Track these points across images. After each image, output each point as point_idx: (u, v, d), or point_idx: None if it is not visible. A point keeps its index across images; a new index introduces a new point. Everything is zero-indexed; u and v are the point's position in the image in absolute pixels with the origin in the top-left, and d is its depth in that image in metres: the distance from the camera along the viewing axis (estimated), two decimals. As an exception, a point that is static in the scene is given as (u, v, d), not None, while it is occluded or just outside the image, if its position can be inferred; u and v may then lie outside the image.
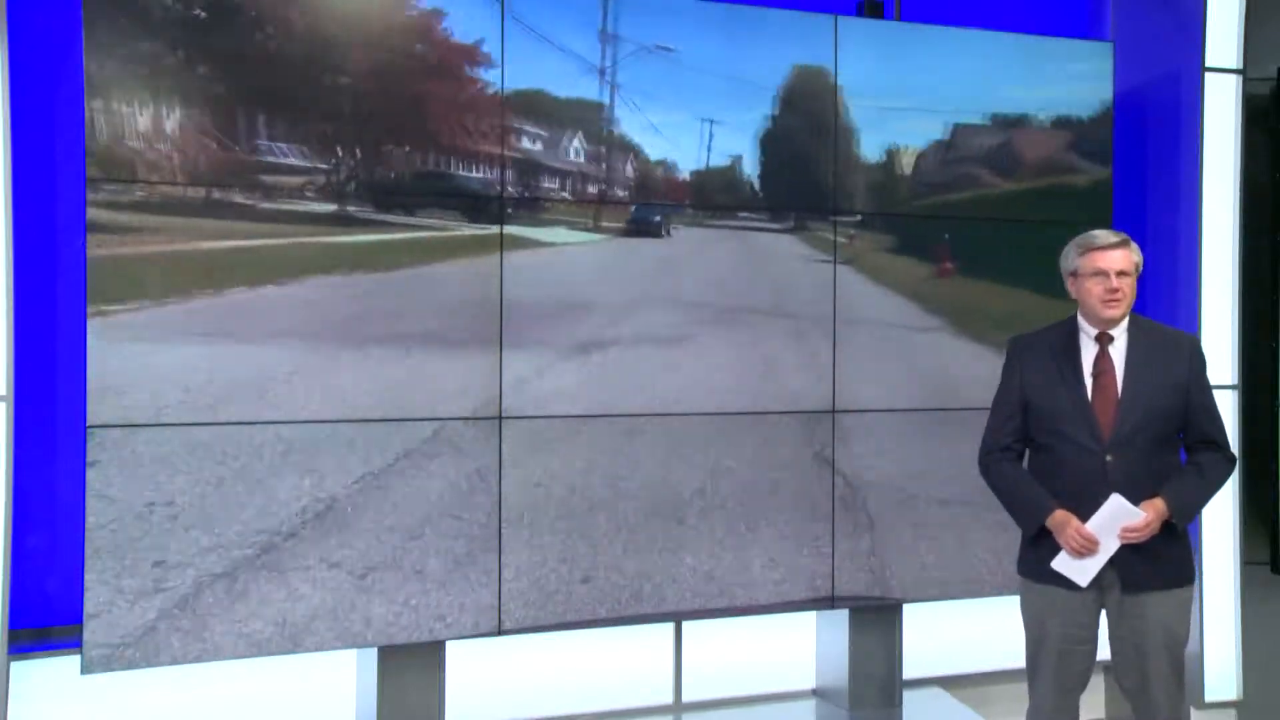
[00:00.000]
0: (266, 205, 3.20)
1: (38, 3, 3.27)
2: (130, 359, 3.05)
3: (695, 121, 3.65)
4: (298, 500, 3.20)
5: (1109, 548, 2.72)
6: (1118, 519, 2.70)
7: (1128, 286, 2.77)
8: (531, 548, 3.44)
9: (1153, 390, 2.76)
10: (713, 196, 3.69)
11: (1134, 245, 2.82)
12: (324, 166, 3.26)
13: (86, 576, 3.00)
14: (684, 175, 3.65)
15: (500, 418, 3.41)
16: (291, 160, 3.23)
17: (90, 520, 3.00)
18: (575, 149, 3.54)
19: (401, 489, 3.31)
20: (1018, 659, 2.96)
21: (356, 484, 3.26)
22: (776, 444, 3.71)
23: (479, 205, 3.42)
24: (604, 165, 3.58)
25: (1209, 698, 4.06)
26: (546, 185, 3.51)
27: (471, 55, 3.41)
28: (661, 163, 3.63)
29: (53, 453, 3.30)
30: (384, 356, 3.30)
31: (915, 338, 3.90)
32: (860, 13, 4.00)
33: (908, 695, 3.97)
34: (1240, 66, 4.08)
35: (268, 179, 3.20)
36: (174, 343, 3.09)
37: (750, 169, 3.73)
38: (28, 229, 3.22)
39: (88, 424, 3.01)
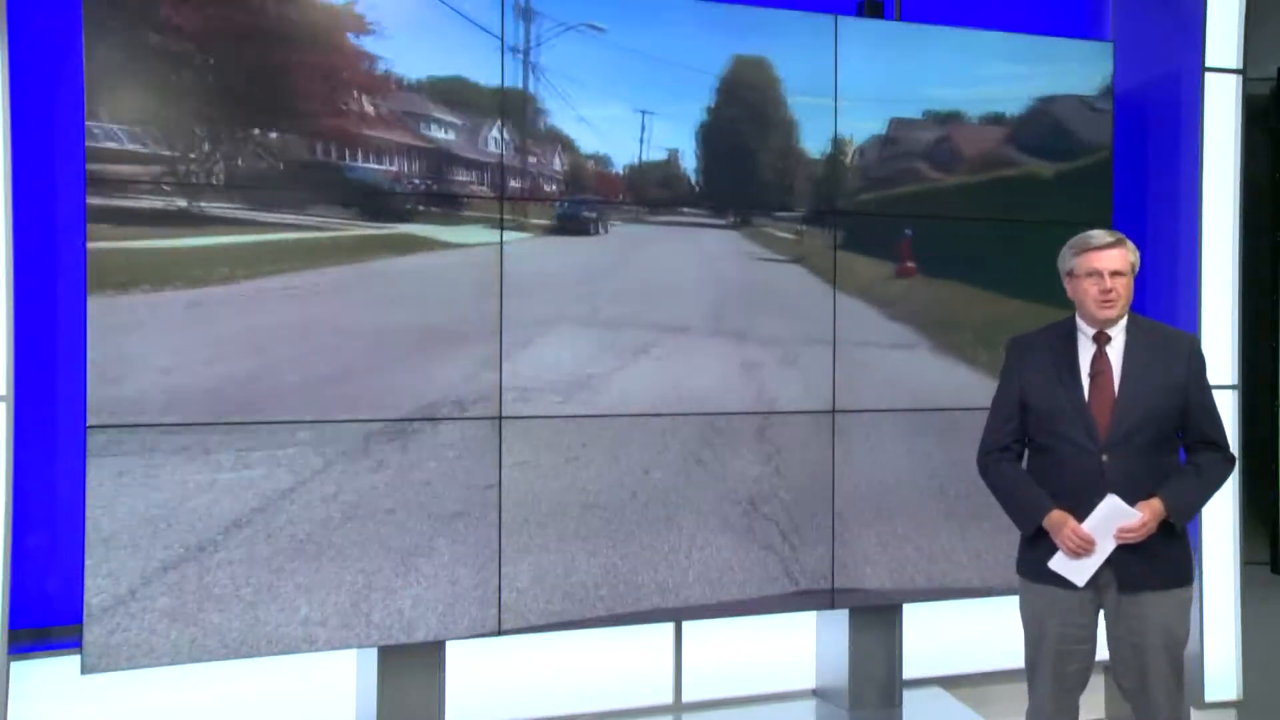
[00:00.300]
0: (265, 204, 3.20)
1: (38, 3, 3.27)
2: (131, 359, 3.05)
3: (702, 123, 3.67)
4: (298, 500, 3.20)
5: (1105, 548, 2.72)
6: (1113, 519, 2.70)
7: (1122, 286, 2.77)
8: (531, 548, 3.44)
9: (1150, 390, 2.76)
10: (724, 196, 3.70)
11: (1130, 245, 2.82)
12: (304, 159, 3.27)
13: (86, 576, 3.00)
14: (702, 173, 3.67)
15: (500, 418, 3.41)
16: (289, 156, 3.23)
17: (90, 520, 3.01)
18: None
19: (401, 489, 3.31)
20: (1018, 659, 2.96)
21: (356, 484, 3.26)
22: (776, 444, 3.70)
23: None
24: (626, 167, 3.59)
25: (1209, 698, 4.06)
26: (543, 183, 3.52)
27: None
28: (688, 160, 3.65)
29: (53, 453, 3.30)
30: (383, 356, 3.30)
31: (921, 337, 3.90)
32: (860, 13, 4.00)
33: (908, 695, 3.97)
34: (1240, 66, 4.08)
35: (266, 177, 3.20)
36: (175, 343, 3.09)
37: (754, 169, 3.74)
38: (28, 229, 3.22)
39: (88, 424, 3.01)
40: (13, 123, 3.08)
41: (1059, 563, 2.76)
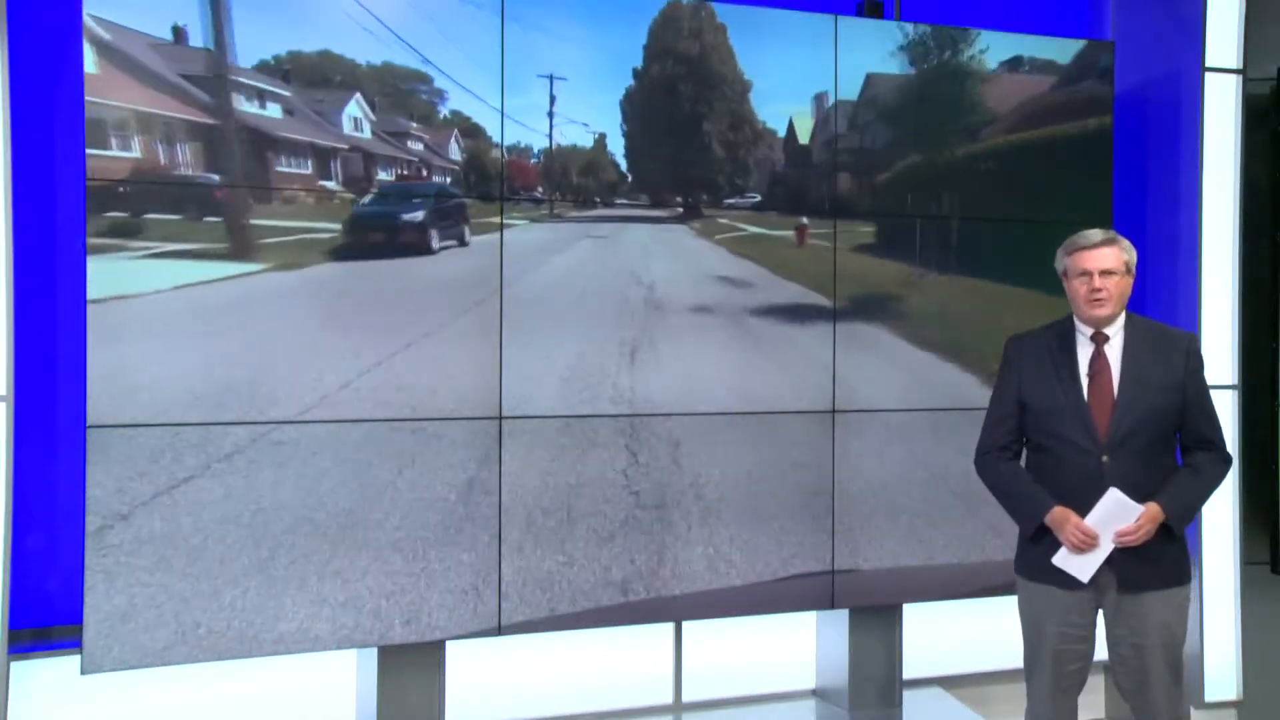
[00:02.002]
0: (268, 203, 3.21)
1: (38, 3, 3.28)
2: (130, 359, 3.05)
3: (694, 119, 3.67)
4: (297, 500, 3.20)
5: (1109, 543, 2.72)
6: (1116, 513, 2.70)
7: (1113, 285, 2.76)
8: (531, 548, 3.44)
9: (1149, 390, 2.76)
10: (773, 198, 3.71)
11: (1124, 243, 2.81)
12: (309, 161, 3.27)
13: (86, 576, 3.00)
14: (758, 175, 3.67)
15: (500, 418, 3.41)
16: (293, 158, 3.23)
17: (90, 520, 3.01)
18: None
19: (401, 489, 3.30)
20: (1017, 659, 2.96)
21: (356, 484, 3.26)
22: (776, 444, 3.70)
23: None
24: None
25: (1209, 698, 4.06)
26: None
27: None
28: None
29: (53, 453, 3.30)
30: (383, 355, 3.30)
31: (921, 336, 3.89)
32: (860, 13, 4.00)
33: (908, 695, 3.97)
34: (1240, 66, 4.08)
35: (270, 178, 3.21)
36: (174, 342, 3.09)
37: (753, 166, 3.74)
38: (28, 228, 3.22)
39: (88, 424, 3.01)
40: (13, 123, 3.09)
41: (1063, 559, 2.76)
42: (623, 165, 3.58)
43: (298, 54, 3.20)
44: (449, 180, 3.36)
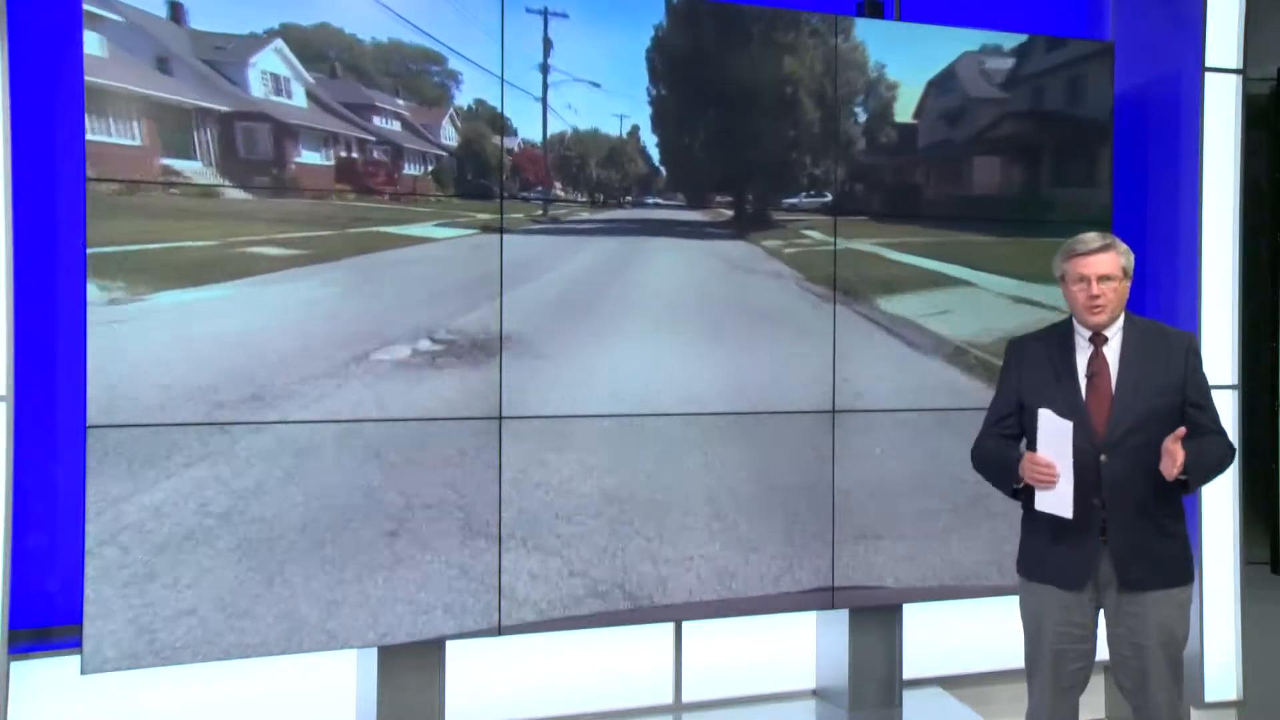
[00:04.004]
0: (269, 203, 3.20)
1: (38, 4, 3.27)
2: (130, 359, 3.05)
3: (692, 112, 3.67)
4: (297, 500, 3.20)
5: (1068, 468, 2.68)
6: (1056, 432, 2.68)
7: (1111, 291, 2.76)
8: (532, 547, 3.44)
9: (1148, 390, 2.76)
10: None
11: (1122, 247, 2.80)
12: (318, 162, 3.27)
13: (86, 576, 3.00)
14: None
15: (500, 418, 3.41)
16: (289, 157, 3.24)
17: (90, 520, 3.01)
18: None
19: (401, 489, 3.30)
20: (1018, 659, 2.96)
21: (356, 484, 3.26)
22: (777, 444, 3.70)
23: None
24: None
25: (1209, 698, 4.06)
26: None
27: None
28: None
29: (53, 453, 3.30)
30: (383, 356, 3.30)
31: (921, 336, 3.89)
32: (860, 13, 4.00)
33: (908, 695, 3.97)
34: (1240, 66, 4.08)
35: (264, 177, 3.21)
36: (174, 343, 3.09)
37: (751, 164, 3.74)
38: (28, 228, 3.22)
39: (88, 424, 3.01)
40: (13, 122, 3.08)
41: (1040, 502, 2.74)
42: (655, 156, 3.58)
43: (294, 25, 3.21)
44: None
